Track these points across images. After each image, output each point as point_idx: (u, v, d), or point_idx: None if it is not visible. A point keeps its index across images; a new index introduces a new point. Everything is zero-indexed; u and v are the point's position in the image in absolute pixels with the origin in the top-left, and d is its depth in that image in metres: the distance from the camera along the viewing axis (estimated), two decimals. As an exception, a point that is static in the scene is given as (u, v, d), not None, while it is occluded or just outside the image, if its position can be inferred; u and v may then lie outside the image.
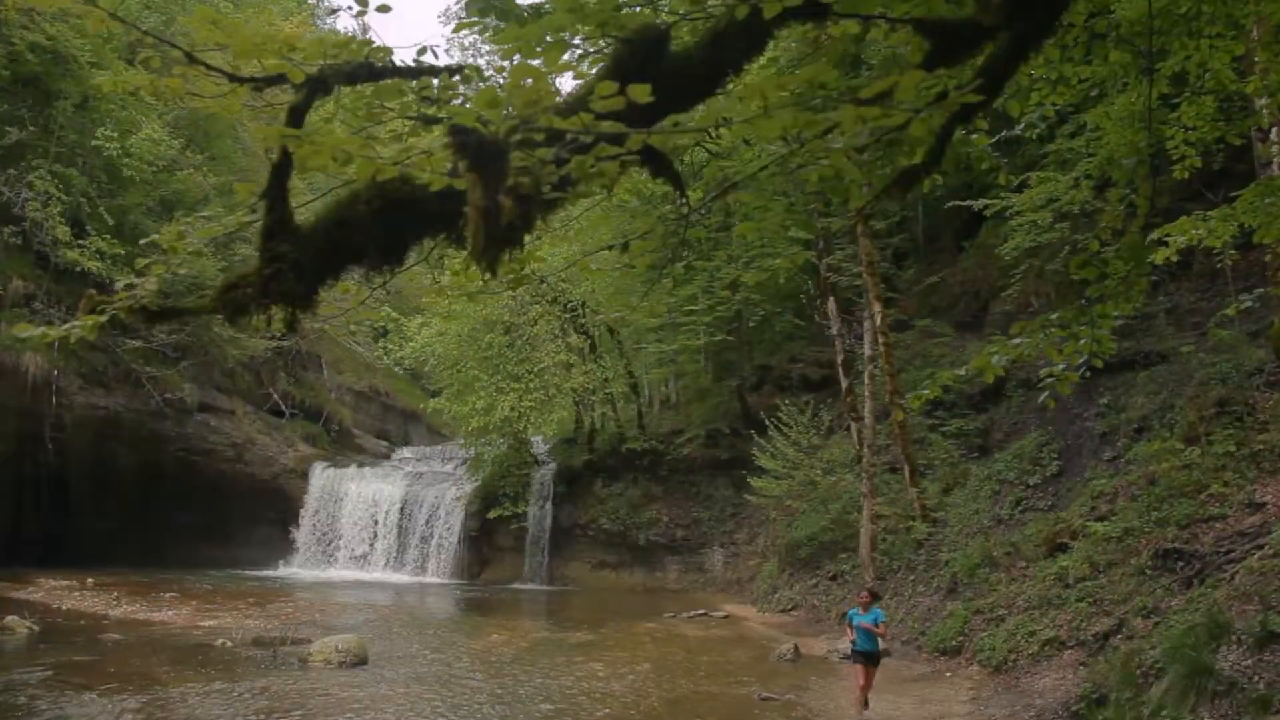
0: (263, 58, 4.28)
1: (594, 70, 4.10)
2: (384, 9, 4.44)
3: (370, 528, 38.85)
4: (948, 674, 17.27)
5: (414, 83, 4.31)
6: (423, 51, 4.66)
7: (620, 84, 3.39)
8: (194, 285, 35.84)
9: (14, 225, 31.39)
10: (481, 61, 41.57)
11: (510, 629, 23.82)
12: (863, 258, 25.05)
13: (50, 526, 36.25)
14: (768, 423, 29.37)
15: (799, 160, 4.17)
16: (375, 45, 4.37)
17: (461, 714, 14.51)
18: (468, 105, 3.94)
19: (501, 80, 4.93)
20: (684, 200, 5.74)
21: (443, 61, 4.60)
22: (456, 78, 4.29)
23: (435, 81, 4.29)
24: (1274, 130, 15.66)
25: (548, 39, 3.97)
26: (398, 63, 4.41)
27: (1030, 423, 24.62)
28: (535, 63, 3.88)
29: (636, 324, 38.16)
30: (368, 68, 4.35)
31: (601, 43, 4.32)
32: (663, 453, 36.37)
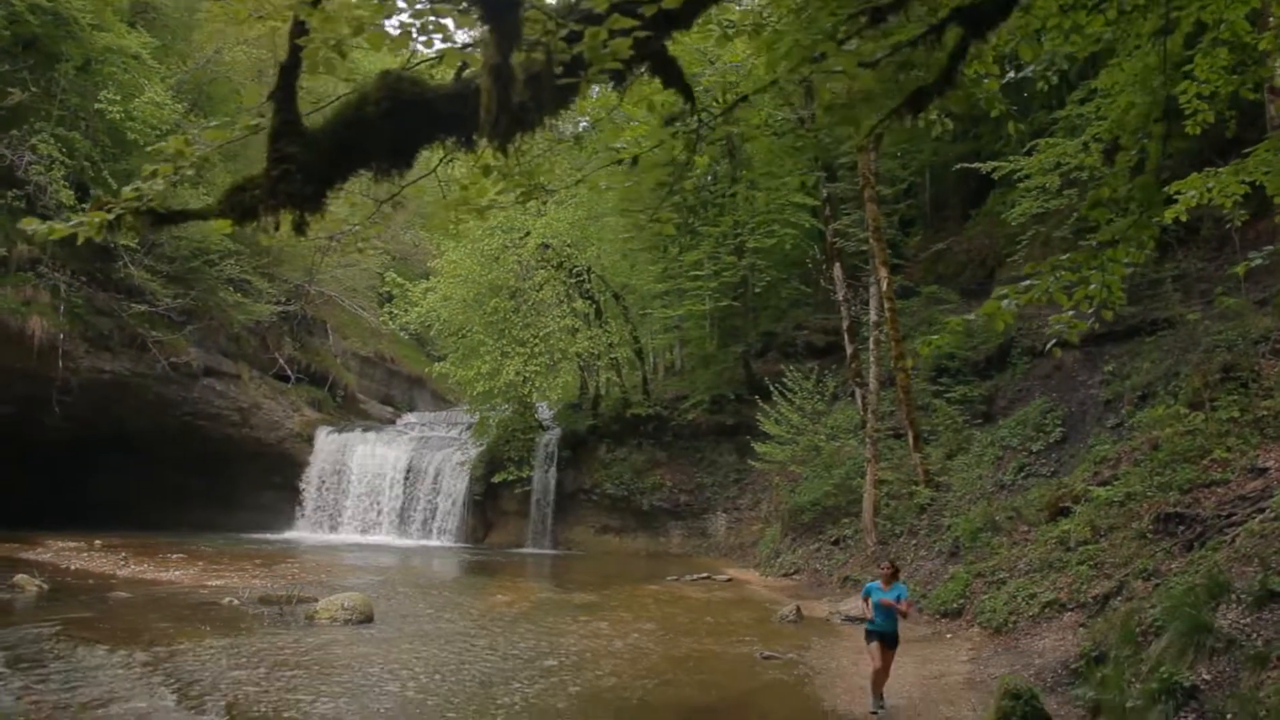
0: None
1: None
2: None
3: (375, 492, 38.99)
4: (948, 635, 17.37)
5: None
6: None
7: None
8: (198, 250, 36.12)
9: (17, 189, 31.35)
10: None
11: (514, 590, 23.95)
12: (869, 223, 25.06)
13: (58, 489, 36.47)
14: (772, 389, 29.43)
15: (809, 70, 4.18)
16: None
17: (467, 669, 14.62)
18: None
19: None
20: (692, 111, 5.74)
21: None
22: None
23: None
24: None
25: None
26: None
27: (1034, 390, 24.67)
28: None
29: (642, 290, 38.22)
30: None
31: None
32: (667, 418, 36.44)
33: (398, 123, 4.24)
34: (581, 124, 44.08)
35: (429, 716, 11.98)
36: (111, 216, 4.79)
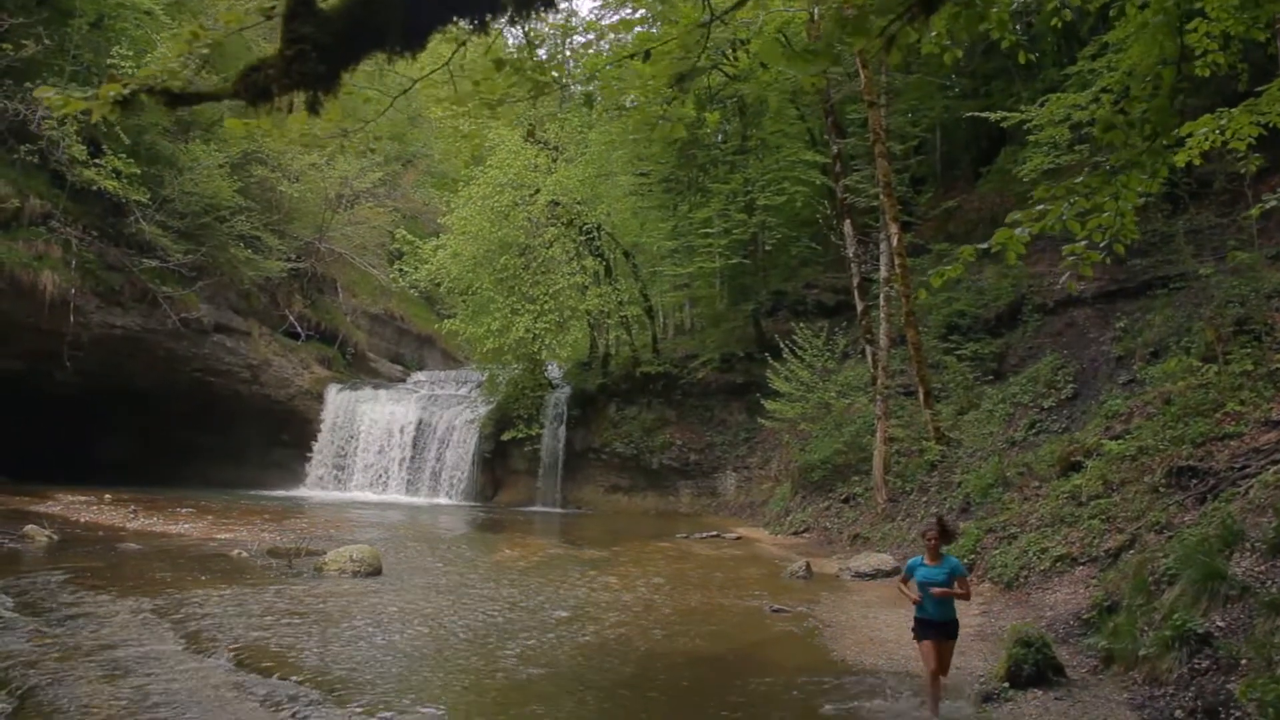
0: None
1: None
2: None
3: (385, 450, 39.02)
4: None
5: None
6: None
7: None
8: (209, 206, 36.05)
9: (30, 144, 31.29)
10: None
11: (523, 546, 23.95)
12: (880, 178, 24.86)
13: (67, 446, 36.52)
14: (783, 346, 29.30)
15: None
16: None
17: (474, 619, 14.63)
18: None
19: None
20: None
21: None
22: None
23: None
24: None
25: None
26: None
27: (1046, 347, 24.60)
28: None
29: (651, 248, 38.15)
30: None
31: None
32: (677, 377, 36.30)
33: (411, 1, 4.16)
34: (592, 84, 44.00)
35: (436, 662, 12.00)
36: (127, 92, 4.69)
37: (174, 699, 9.75)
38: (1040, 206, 7.64)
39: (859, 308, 27.45)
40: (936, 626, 10.43)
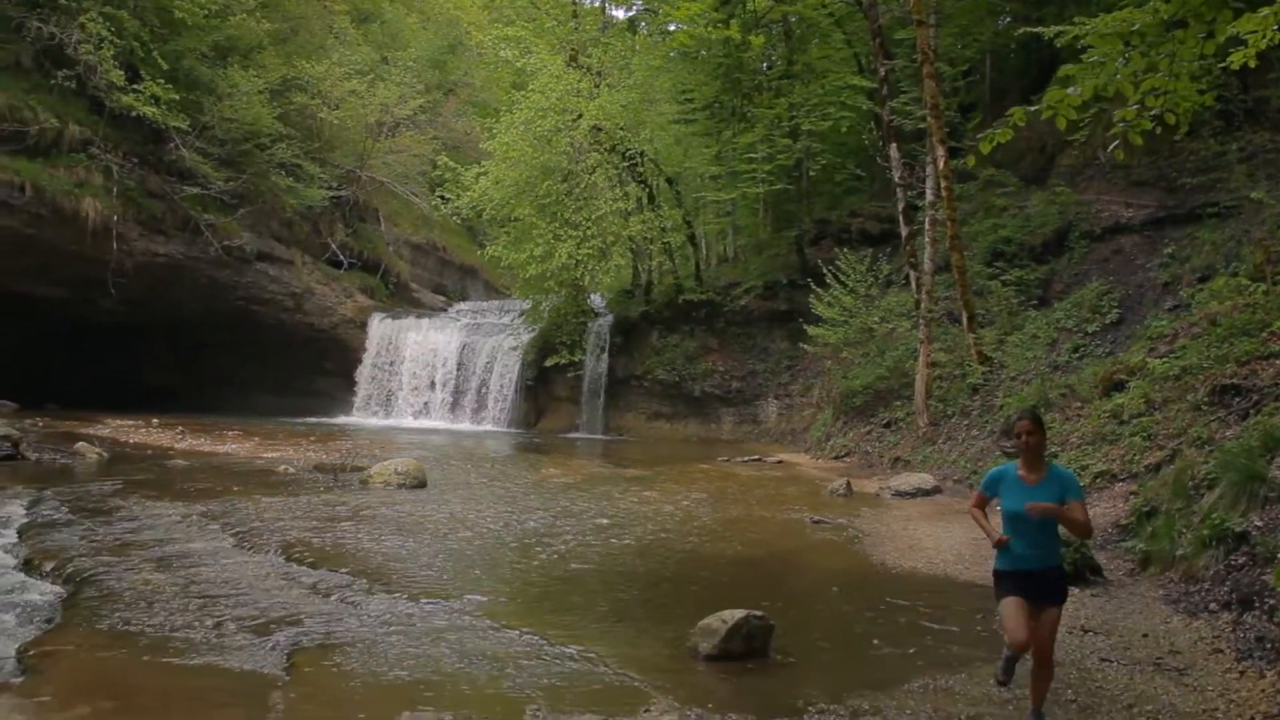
0: None
1: None
2: None
3: (428, 377, 39.31)
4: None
5: None
6: None
7: None
8: (250, 133, 36.12)
9: (68, 69, 31.39)
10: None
11: (566, 466, 24.14)
12: (927, 100, 24.55)
13: (113, 374, 37.04)
14: (826, 272, 29.16)
15: None
16: None
17: (520, 524, 14.87)
18: None
19: None
20: None
21: None
22: None
23: None
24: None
25: None
26: None
27: (1091, 273, 24.37)
28: None
29: (694, 176, 38.02)
30: None
31: None
32: (719, 304, 36.21)
33: None
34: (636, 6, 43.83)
35: (479, 560, 12.24)
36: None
37: (225, 585, 9.99)
38: (1095, 58, 7.53)
39: (904, 232, 27.21)
40: (1027, 578, 6.60)
